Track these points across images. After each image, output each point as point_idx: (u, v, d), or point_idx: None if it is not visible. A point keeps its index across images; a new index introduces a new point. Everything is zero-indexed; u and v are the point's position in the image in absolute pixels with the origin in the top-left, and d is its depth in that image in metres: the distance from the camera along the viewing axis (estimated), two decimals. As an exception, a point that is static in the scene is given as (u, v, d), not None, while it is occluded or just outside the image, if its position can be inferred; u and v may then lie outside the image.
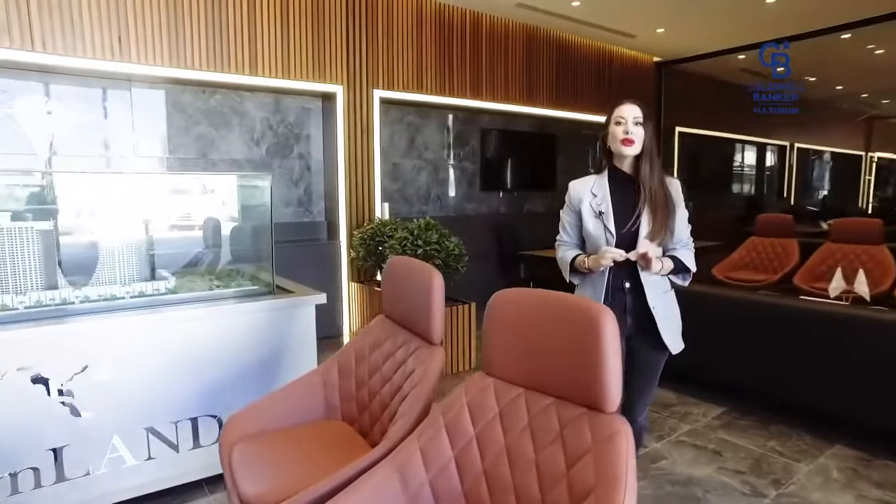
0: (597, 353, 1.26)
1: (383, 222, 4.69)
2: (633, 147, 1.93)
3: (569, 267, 2.05)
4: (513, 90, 6.08)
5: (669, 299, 2.00)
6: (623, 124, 1.93)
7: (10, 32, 3.54)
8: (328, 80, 4.82)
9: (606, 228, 1.94)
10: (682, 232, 1.98)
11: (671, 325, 1.97)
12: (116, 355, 2.27)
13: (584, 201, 2.03)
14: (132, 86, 4.22)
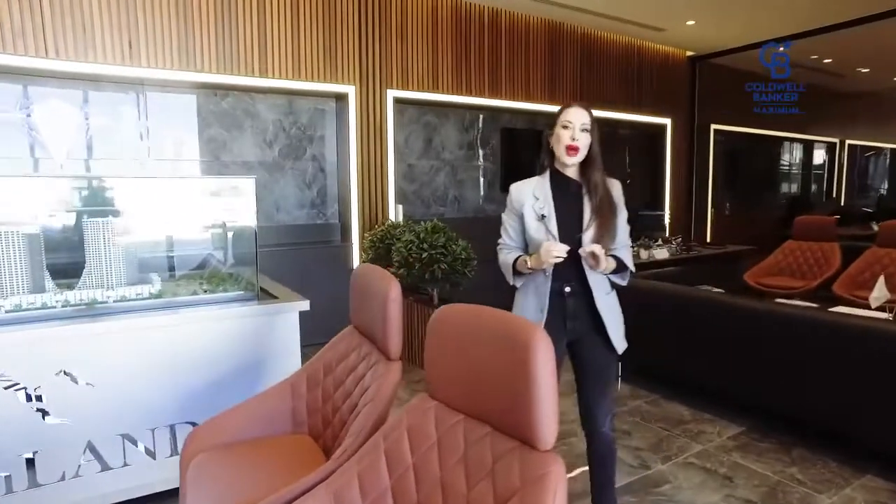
0: (527, 384, 1.12)
1: (394, 225, 4.61)
2: (577, 155, 1.90)
3: (511, 269, 2.01)
4: (535, 88, 5.90)
5: (613, 300, 2.00)
6: (570, 129, 1.89)
7: (25, 40, 3.62)
8: (340, 80, 4.77)
9: (549, 232, 1.91)
10: (622, 233, 1.98)
11: (618, 325, 1.98)
12: (93, 361, 2.25)
13: (525, 204, 1.98)
14: (145, 90, 4.26)
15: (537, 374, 1.11)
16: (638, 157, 7.23)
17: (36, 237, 2.46)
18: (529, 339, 1.13)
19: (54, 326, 2.21)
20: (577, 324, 1.94)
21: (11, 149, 3.86)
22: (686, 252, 5.28)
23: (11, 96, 3.85)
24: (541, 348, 1.12)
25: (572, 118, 1.89)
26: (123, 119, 4.23)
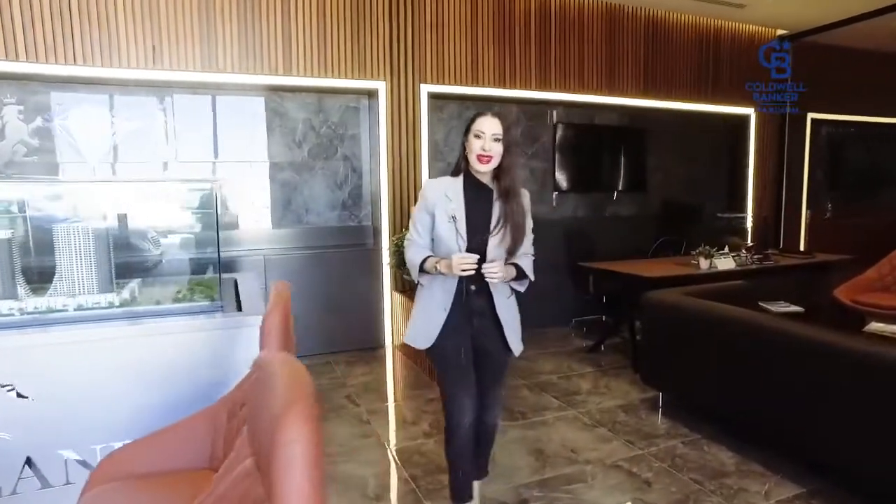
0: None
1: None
2: (488, 164, 1.94)
3: (417, 269, 2.04)
4: (591, 78, 5.35)
5: (511, 304, 2.12)
6: (482, 139, 1.92)
7: (56, 50, 3.71)
8: (369, 76, 4.54)
9: (458, 234, 1.96)
10: (527, 241, 2.08)
11: (515, 329, 2.10)
12: (37, 373, 2.15)
13: (438, 204, 2.01)
14: (171, 92, 4.28)
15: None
16: (713, 153, 6.42)
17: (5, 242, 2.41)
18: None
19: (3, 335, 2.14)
20: (482, 321, 2.05)
21: (49, 155, 3.99)
22: (760, 262, 4.52)
23: (45, 103, 3.98)
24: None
25: (484, 128, 1.93)
26: (150, 122, 4.26)
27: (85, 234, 2.46)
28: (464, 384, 2.04)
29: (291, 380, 0.96)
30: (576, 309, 5.43)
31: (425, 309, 2.06)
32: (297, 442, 1.15)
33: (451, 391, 2.05)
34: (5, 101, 3.86)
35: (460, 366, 2.04)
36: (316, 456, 0.85)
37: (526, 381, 3.95)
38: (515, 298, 2.13)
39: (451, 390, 2.05)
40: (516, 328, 2.10)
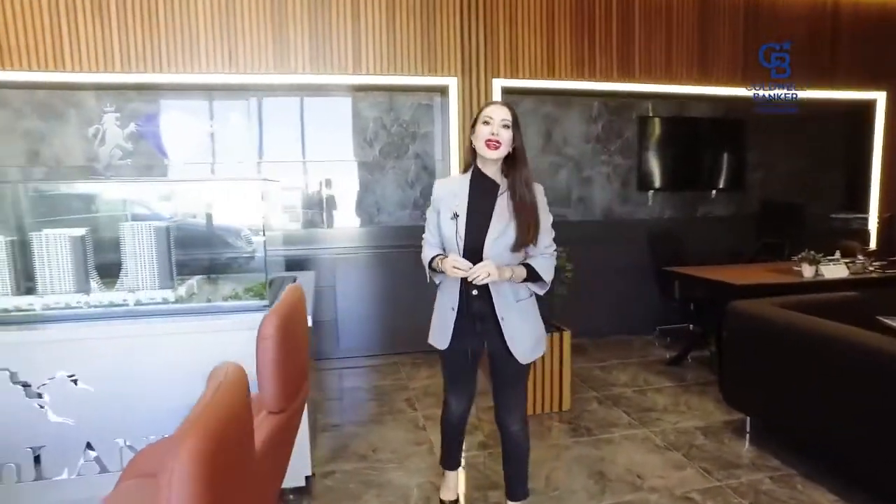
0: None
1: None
2: (497, 150, 1.88)
3: (428, 267, 2.02)
4: (679, 68, 4.91)
5: (524, 308, 1.99)
6: (490, 124, 1.88)
7: (145, 60, 3.96)
8: (440, 72, 4.45)
9: (457, 234, 1.92)
10: (543, 239, 1.96)
11: (522, 335, 1.97)
12: (97, 364, 2.26)
13: (444, 201, 1.99)
14: (250, 95, 4.43)
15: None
16: (827, 146, 5.68)
17: (79, 239, 2.56)
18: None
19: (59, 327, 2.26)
20: (486, 325, 1.97)
21: (141, 157, 4.28)
22: (881, 270, 3.89)
23: (138, 110, 4.26)
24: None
25: (493, 114, 1.89)
26: (234, 124, 4.44)
27: (148, 232, 2.56)
28: (460, 387, 2.17)
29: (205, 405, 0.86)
30: (661, 316, 5.02)
31: (439, 308, 2.09)
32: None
33: (448, 388, 2.21)
34: (105, 109, 4.16)
35: (458, 371, 2.13)
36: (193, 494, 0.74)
37: (597, 392, 3.68)
38: (533, 301, 2.04)
39: (449, 388, 2.20)
40: (527, 334, 1.99)
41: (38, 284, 2.48)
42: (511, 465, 2.15)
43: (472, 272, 1.80)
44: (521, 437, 2.10)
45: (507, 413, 2.08)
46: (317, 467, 2.74)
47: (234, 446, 0.84)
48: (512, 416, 2.07)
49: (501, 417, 2.09)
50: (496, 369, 2.06)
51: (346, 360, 4.48)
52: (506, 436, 2.11)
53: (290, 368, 1.37)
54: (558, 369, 3.38)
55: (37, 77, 3.88)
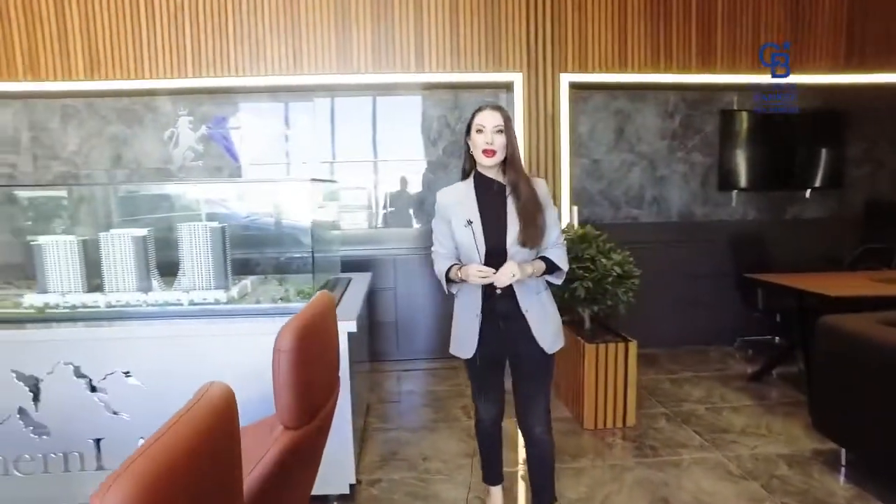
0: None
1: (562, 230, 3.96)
2: (494, 157, 1.90)
3: (445, 279, 2.01)
4: (769, 53, 4.48)
5: (544, 300, 2.04)
6: (483, 132, 1.89)
7: (215, 65, 4.09)
8: (504, 68, 4.30)
9: (476, 239, 1.91)
10: (551, 233, 2.00)
11: (546, 326, 2.00)
12: (150, 361, 2.32)
13: (453, 211, 1.98)
14: (313, 96, 4.48)
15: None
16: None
17: (141, 239, 2.64)
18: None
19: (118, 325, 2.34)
20: (510, 324, 1.98)
21: (211, 159, 4.43)
22: None
23: (208, 113, 4.41)
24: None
25: (485, 121, 1.89)
26: (302, 125, 4.51)
27: (203, 233, 2.60)
28: (489, 392, 2.13)
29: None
30: (742, 326, 4.61)
31: (460, 318, 2.07)
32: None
33: (476, 395, 2.18)
34: (179, 112, 4.36)
35: (485, 377, 2.10)
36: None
37: (665, 408, 3.41)
38: (549, 293, 2.08)
39: (477, 395, 2.17)
40: (549, 325, 2.02)
41: (104, 282, 2.59)
42: (536, 472, 2.12)
43: (499, 277, 1.82)
44: (546, 441, 2.07)
45: (530, 413, 2.06)
46: (364, 474, 2.69)
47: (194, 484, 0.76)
48: (535, 416, 2.05)
49: (524, 419, 2.07)
50: (520, 367, 2.05)
51: (404, 363, 4.44)
52: (529, 440, 2.10)
53: (310, 383, 1.30)
54: (623, 382, 3.15)
55: (121, 85, 4.10)
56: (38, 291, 2.59)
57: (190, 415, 0.80)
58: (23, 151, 4.36)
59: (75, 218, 4.09)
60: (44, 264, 2.57)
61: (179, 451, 0.73)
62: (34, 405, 2.29)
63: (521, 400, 2.08)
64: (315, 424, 1.34)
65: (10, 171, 4.36)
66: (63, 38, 4.01)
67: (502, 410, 2.20)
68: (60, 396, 2.28)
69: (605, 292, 3.21)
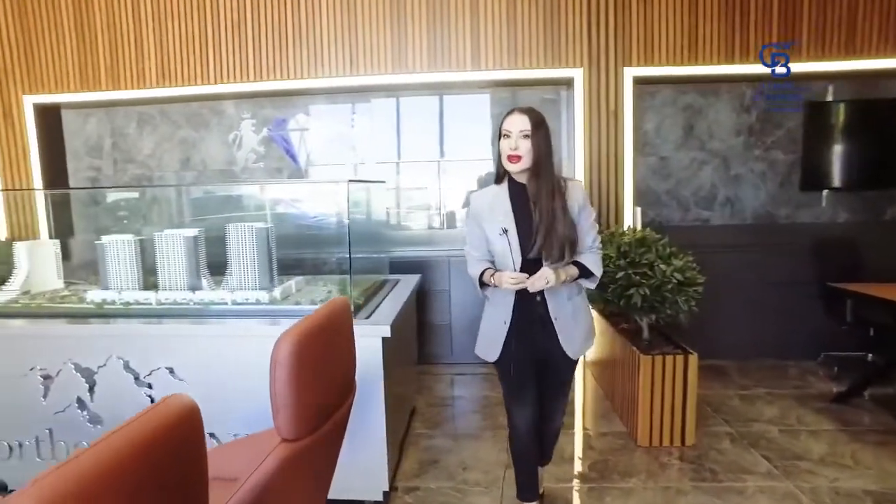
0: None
1: (616, 233, 3.75)
2: (519, 163, 1.84)
3: (478, 282, 2.00)
4: (866, 37, 4.04)
5: (576, 305, 2.02)
6: (510, 138, 1.83)
7: (275, 70, 4.21)
8: (563, 63, 4.14)
9: (511, 248, 1.88)
10: (585, 238, 1.94)
11: (573, 332, 2.00)
12: (192, 359, 2.38)
13: (485, 218, 1.95)
14: (371, 96, 4.50)
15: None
16: None
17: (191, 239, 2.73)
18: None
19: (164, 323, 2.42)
20: (539, 329, 1.98)
21: (272, 160, 4.56)
22: None
23: (269, 116, 4.54)
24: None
25: (511, 126, 1.84)
26: (355, 126, 4.55)
27: (249, 234, 2.64)
28: (522, 398, 2.07)
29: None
30: (828, 340, 4.17)
31: (489, 321, 2.07)
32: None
33: (508, 404, 2.12)
34: (242, 116, 4.52)
35: (518, 381, 2.06)
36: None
37: (731, 427, 3.13)
38: (584, 296, 2.09)
39: (508, 403, 2.12)
40: (579, 330, 2.03)
41: (158, 281, 2.70)
42: (545, 446, 2.31)
43: (532, 282, 1.81)
44: (560, 423, 2.26)
45: (551, 419, 2.18)
46: (401, 481, 2.64)
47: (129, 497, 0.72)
48: (558, 411, 2.19)
49: (546, 423, 2.16)
50: (546, 370, 2.07)
51: (457, 367, 4.36)
52: (547, 431, 2.24)
53: (311, 394, 1.25)
54: (681, 396, 2.92)
55: (189, 91, 4.30)
56: (100, 288, 2.75)
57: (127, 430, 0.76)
58: (105, 156, 4.67)
59: (148, 218, 4.34)
60: (105, 262, 2.72)
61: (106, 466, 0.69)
62: (90, 396, 2.41)
63: (544, 400, 2.13)
64: (319, 435, 1.30)
65: (94, 174, 4.69)
66: (139, 50, 4.26)
67: (537, 414, 2.12)
68: (112, 389, 2.39)
69: (664, 300, 2.99)
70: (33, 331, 2.48)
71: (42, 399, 2.43)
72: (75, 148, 4.70)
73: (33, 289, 2.90)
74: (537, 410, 2.11)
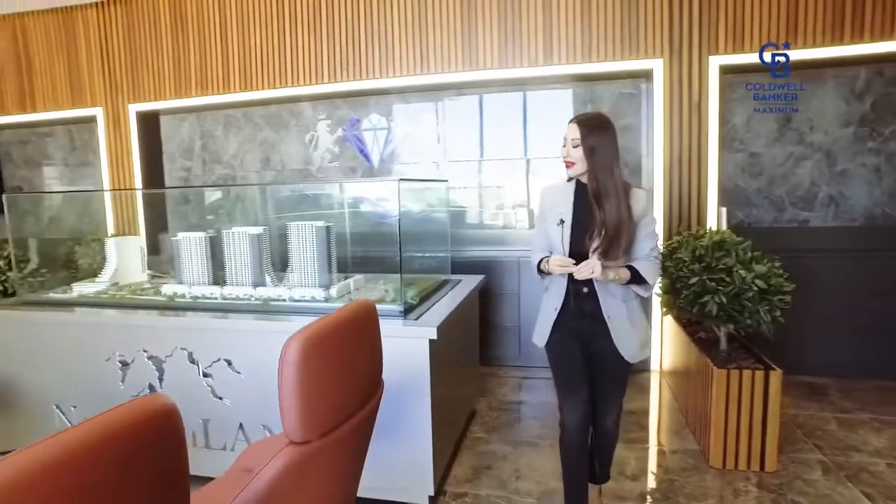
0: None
1: (692, 235, 3.48)
2: (573, 169, 1.95)
3: (537, 270, 2.09)
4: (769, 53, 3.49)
5: (630, 308, 2.02)
6: (565, 145, 1.95)
7: (348, 70, 4.30)
8: (641, 54, 3.89)
9: (563, 239, 1.98)
10: (644, 244, 1.98)
11: (628, 334, 2.00)
12: (251, 354, 2.46)
13: (549, 209, 2.06)
14: (445, 95, 4.48)
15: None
16: None
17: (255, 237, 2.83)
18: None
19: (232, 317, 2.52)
20: (591, 325, 2.01)
21: (345, 160, 4.67)
22: None
23: (343, 116, 4.64)
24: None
25: (566, 135, 1.95)
26: (423, 124, 4.55)
27: (310, 232, 2.70)
28: (572, 389, 2.06)
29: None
30: (954, 362, 3.63)
31: (544, 307, 2.13)
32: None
33: (560, 395, 2.11)
34: (319, 117, 4.66)
35: (568, 371, 2.07)
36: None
37: (825, 455, 2.79)
38: (640, 304, 2.08)
39: (561, 395, 2.11)
40: (634, 334, 2.02)
41: (225, 276, 2.83)
42: (599, 454, 2.24)
43: (579, 269, 1.86)
44: (613, 432, 2.17)
45: (605, 416, 2.12)
46: (451, 486, 2.59)
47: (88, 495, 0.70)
48: (610, 415, 2.13)
49: (599, 420, 2.12)
50: (600, 369, 2.07)
51: (525, 370, 4.25)
52: (601, 433, 2.16)
53: (322, 396, 1.23)
54: (761, 416, 2.64)
55: (269, 94, 4.50)
56: (175, 282, 2.92)
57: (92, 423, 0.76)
58: (195, 157, 5.00)
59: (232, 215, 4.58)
60: (180, 258, 2.89)
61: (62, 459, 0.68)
62: (160, 384, 2.57)
63: (598, 400, 2.10)
64: (332, 438, 1.27)
65: (185, 174, 5.04)
66: (225, 57, 4.51)
67: (588, 417, 2.05)
68: (178, 378, 2.53)
69: (744, 309, 2.71)
70: (114, 320, 2.68)
71: (120, 384, 2.62)
72: (170, 150, 5.07)
73: (121, 281, 3.14)
74: (589, 412, 2.05)
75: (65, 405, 2.74)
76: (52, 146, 5.49)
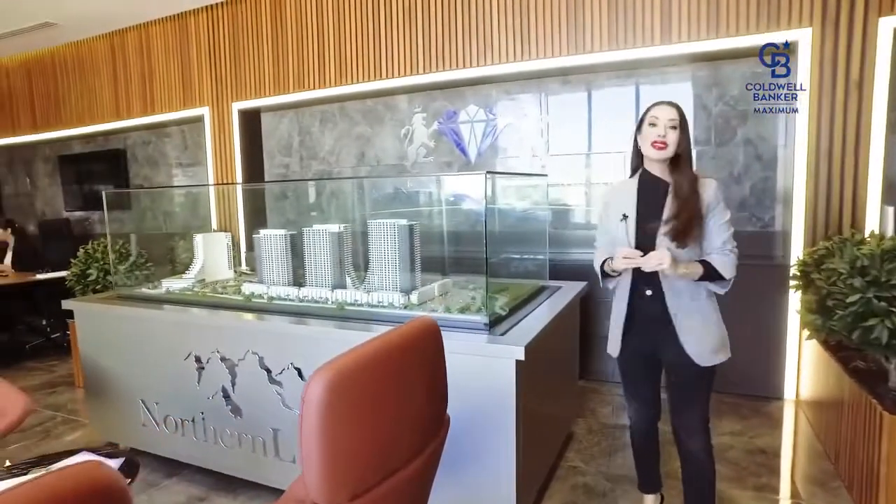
0: None
1: (858, 240, 2.84)
2: (664, 151, 1.84)
3: (600, 273, 2.01)
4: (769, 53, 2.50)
5: (699, 308, 1.88)
6: (657, 126, 1.85)
7: (444, 60, 4.06)
8: (783, 25, 3.28)
9: (628, 232, 1.89)
10: (716, 237, 1.86)
11: (697, 335, 1.87)
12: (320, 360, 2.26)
13: (612, 205, 1.98)
14: (546, 83, 4.10)
15: None
16: None
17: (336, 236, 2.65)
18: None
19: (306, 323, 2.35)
20: (657, 327, 1.90)
21: (441, 155, 4.44)
22: None
23: (439, 109, 4.40)
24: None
25: (659, 114, 1.85)
26: (525, 116, 4.19)
27: (392, 231, 2.47)
28: (636, 395, 2.06)
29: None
30: None
31: (613, 315, 2.02)
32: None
33: (626, 401, 2.12)
34: (414, 110, 4.46)
35: (630, 372, 2.04)
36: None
37: None
38: (713, 303, 1.91)
39: (627, 400, 2.11)
40: (705, 335, 1.87)
41: (305, 277, 2.68)
42: (691, 490, 2.00)
43: (645, 260, 1.75)
44: (703, 458, 1.94)
45: (682, 427, 1.95)
46: (538, 525, 2.25)
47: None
48: (688, 430, 1.93)
49: (678, 433, 1.97)
50: (670, 373, 1.96)
51: (630, 388, 3.77)
52: (684, 455, 1.99)
53: (355, 449, 0.95)
54: (871, 462, 2.03)
55: (364, 87, 4.38)
56: (256, 281, 2.83)
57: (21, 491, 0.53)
58: (293, 153, 5.02)
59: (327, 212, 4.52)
60: (261, 256, 2.78)
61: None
62: (232, 388, 2.47)
63: (673, 411, 1.99)
64: (372, 497, 1.00)
65: (284, 170, 5.07)
66: (321, 51, 4.45)
67: (653, 416, 2.09)
68: (249, 383, 2.41)
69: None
70: (190, 318, 2.61)
71: (196, 384, 2.55)
72: (270, 148, 5.13)
73: (207, 277, 3.12)
74: (656, 412, 2.08)
75: (149, 400, 2.73)
76: (169, 146, 5.80)
